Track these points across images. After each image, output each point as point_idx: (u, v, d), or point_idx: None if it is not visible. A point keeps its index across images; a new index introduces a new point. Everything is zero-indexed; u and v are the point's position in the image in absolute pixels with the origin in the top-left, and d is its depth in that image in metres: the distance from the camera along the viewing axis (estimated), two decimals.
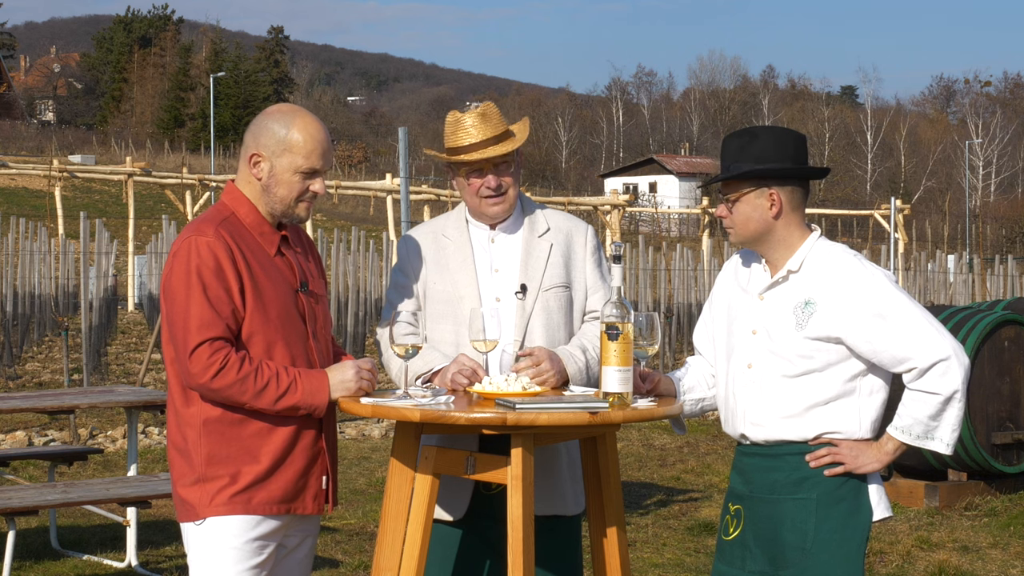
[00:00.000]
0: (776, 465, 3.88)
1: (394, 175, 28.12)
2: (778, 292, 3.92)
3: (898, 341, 3.78)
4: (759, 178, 3.86)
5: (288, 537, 3.89)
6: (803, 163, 3.92)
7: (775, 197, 3.86)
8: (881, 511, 3.88)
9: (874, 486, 3.89)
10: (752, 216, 3.88)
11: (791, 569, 3.84)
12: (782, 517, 3.86)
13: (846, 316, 3.79)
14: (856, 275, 3.83)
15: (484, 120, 4.17)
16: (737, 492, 4.00)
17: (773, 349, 3.87)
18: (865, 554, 3.87)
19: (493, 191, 4.20)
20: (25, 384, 15.30)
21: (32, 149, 68.21)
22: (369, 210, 50.07)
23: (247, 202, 3.87)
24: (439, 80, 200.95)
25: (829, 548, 3.82)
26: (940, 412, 3.80)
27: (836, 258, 3.89)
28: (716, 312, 4.09)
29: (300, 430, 3.82)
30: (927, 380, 3.79)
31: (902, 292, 3.86)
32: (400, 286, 4.30)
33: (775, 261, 3.93)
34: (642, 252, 21.31)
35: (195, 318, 3.69)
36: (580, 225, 4.38)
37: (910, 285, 26.59)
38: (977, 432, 9.26)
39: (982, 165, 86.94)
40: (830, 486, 3.84)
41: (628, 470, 10.81)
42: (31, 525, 8.12)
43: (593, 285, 4.31)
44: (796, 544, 3.84)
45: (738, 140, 3.92)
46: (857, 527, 3.85)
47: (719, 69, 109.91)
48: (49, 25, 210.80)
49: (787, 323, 3.86)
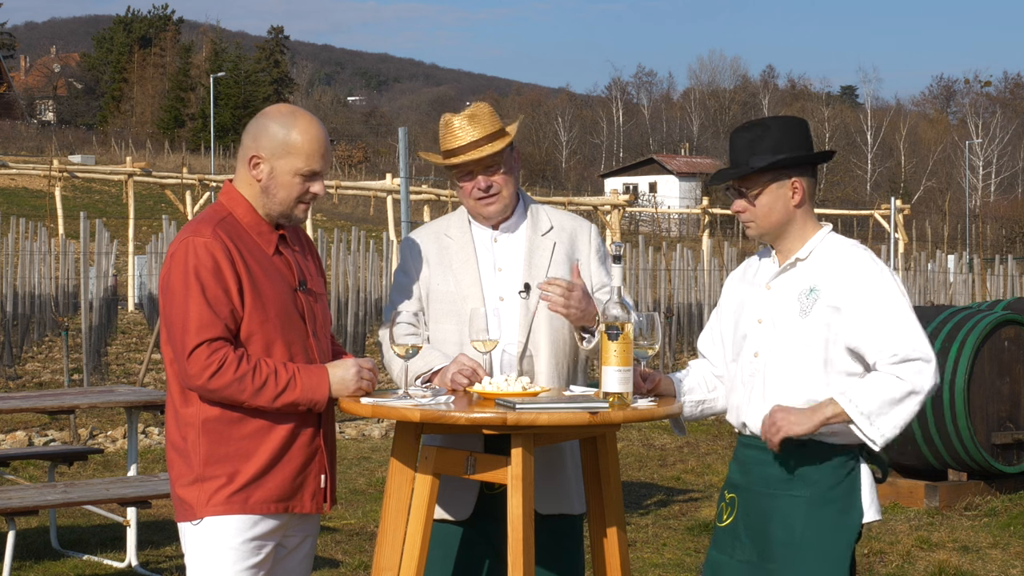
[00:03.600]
0: (772, 460, 3.89)
1: (394, 175, 28.11)
2: (784, 280, 3.93)
3: (888, 329, 3.77)
4: (781, 168, 3.88)
5: (288, 537, 3.89)
6: (811, 148, 3.95)
7: (797, 185, 3.89)
8: (872, 514, 3.88)
9: (867, 488, 3.89)
10: (775, 207, 3.90)
11: (777, 563, 3.86)
12: (773, 511, 3.88)
13: (844, 296, 3.81)
14: (862, 264, 3.85)
15: (472, 122, 4.16)
16: (734, 481, 4.03)
17: (778, 337, 3.88)
18: (853, 555, 3.87)
19: (484, 192, 4.19)
20: (25, 384, 15.30)
21: (32, 149, 68.21)
22: (369, 210, 50.07)
23: (244, 202, 3.86)
24: (439, 80, 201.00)
25: (816, 547, 3.83)
26: (897, 402, 3.73)
27: (845, 249, 3.91)
28: (724, 313, 4.11)
29: (298, 429, 3.82)
30: (903, 368, 3.75)
31: (904, 293, 3.87)
32: (402, 287, 4.29)
33: (786, 251, 3.95)
34: (642, 252, 21.30)
35: (193, 319, 3.69)
36: (584, 224, 4.36)
37: (910, 285, 26.59)
38: (977, 432, 9.26)
39: (982, 165, 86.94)
40: (823, 486, 3.84)
41: (628, 470, 10.81)
42: (31, 525, 8.12)
43: (597, 283, 4.30)
44: (784, 539, 3.85)
45: (749, 133, 3.93)
46: (846, 528, 3.85)
47: (719, 69, 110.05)
48: (49, 25, 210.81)
49: (792, 310, 3.88)
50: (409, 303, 4.23)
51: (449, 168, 4.21)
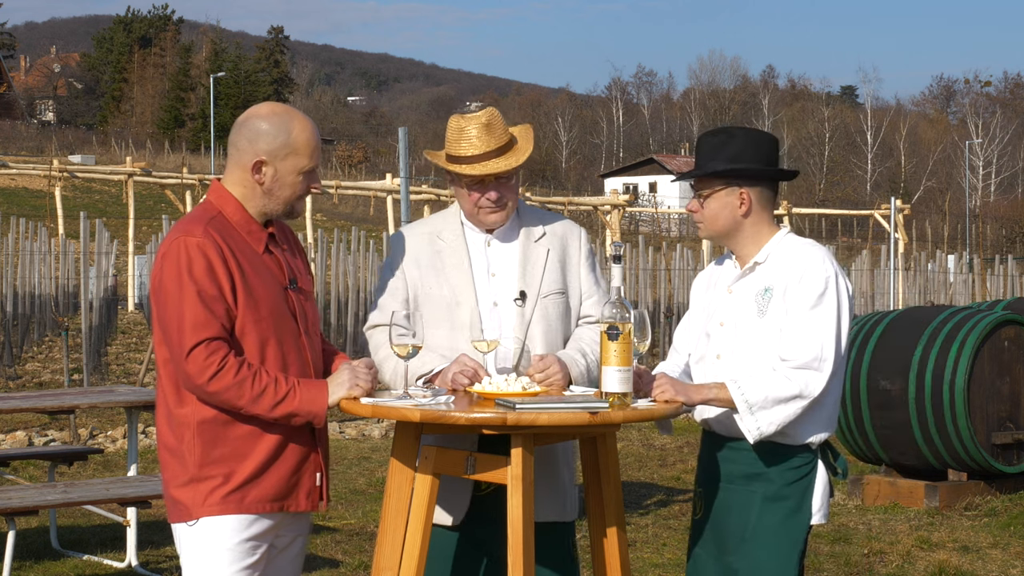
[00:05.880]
0: (733, 457, 4.04)
1: (394, 175, 28.10)
2: (744, 283, 4.07)
3: (798, 332, 3.91)
4: (731, 177, 4.00)
5: (279, 537, 3.88)
6: (774, 164, 4.07)
7: (745, 196, 4.02)
8: (819, 518, 4.02)
9: (820, 491, 4.03)
10: (721, 213, 4.04)
11: (733, 556, 4.02)
12: (731, 505, 4.04)
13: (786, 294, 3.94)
14: (807, 263, 3.97)
15: (488, 131, 4.09)
16: (699, 477, 4.19)
17: (738, 338, 4.01)
18: (803, 554, 4.02)
19: (494, 203, 4.16)
20: (25, 384, 15.30)
21: (32, 149, 68.21)
22: (369, 210, 50.04)
23: (234, 201, 3.84)
24: (439, 80, 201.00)
25: (766, 541, 3.98)
26: (783, 401, 3.87)
27: (797, 248, 4.03)
28: (693, 316, 4.25)
29: (293, 428, 3.80)
30: (797, 372, 3.88)
31: (843, 301, 3.96)
32: (391, 287, 4.23)
33: (744, 256, 4.08)
34: (642, 252, 21.30)
35: (189, 319, 3.67)
36: (573, 228, 4.35)
37: (910, 285, 26.59)
38: (977, 432, 9.26)
39: (982, 165, 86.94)
40: (779, 483, 3.98)
41: (628, 470, 10.81)
42: (31, 525, 8.11)
43: (588, 290, 4.30)
44: (738, 533, 4.01)
45: (714, 139, 4.07)
46: (795, 526, 3.99)
47: (719, 69, 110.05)
48: (49, 25, 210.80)
49: (750, 311, 4.01)
50: (399, 304, 4.15)
51: (459, 175, 4.14)
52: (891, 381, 9.44)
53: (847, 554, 7.96)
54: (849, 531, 8.65)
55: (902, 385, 9.37)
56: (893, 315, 9.96)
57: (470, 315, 4.14)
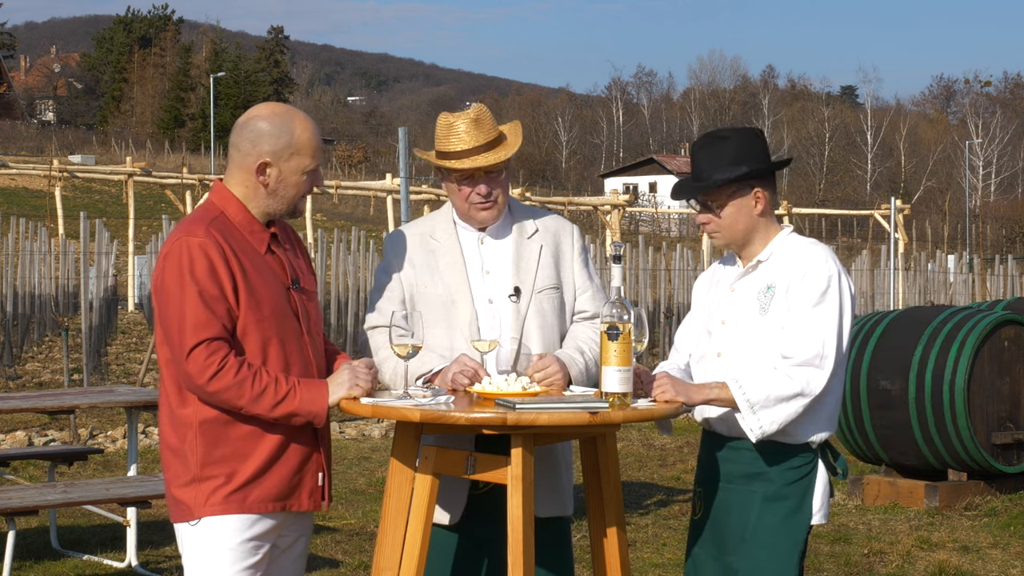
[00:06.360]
0: (733, 457, 4.04)
1: (394, 175, 28.09)
2: (746, 281, 4.07)
3: (799, 330, 3.91)
4: (743, 180, 3.99)
5: (281, 537, 3.88)
6: (769, 158, 4.08)
7: (759, 195, 4.03)
8: (819, 518, 4.03)
9: (820, 491, 4.03)
10: (740, 218, 4.03)
11: (733, 555, 4.02)
12: (731, 505, 4.04)
13: (789, 291, 3.95)
14: (810, 261, 3.98)
15: (477, 126, 4.12)
16: (699, 477, 4.19)
17: (740, 336, 4.01)
18: (803, 554, 4.01)
19: (484, 198, 4.17)
20: (25, 384, 15.30)
21: (32, 149, 68.20)
22: (369, 210, 50.06)
23: (236, 201, 3.85)
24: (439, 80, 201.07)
25: (766, 541, 3.98)
26: (785, 399, 3.88)
27: (801, 247, 4.04)
28: (695, 316, 4.26)
29: (294, 428, 3.80)
30: (799, 369, 3.89)
31: (846, 301, 3.97)
32: (387, 288, 4.25)
33: (749, 255, 4.09)
34: (642, 252, 21.30)
35: (190, 319, 3.67)
36: (566, 225, 4.37)
37: (910, 285, 26.59)
38: (977, 432, 9.26)
39: (982, 165, 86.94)
40: (779, 483, 3.98)
41: (628, 470, 10.81)
42: (31, 525, 8.12)
43: (582, 285, 4.31)
44: (738, 533, 4.01)
45: (710, 147, 4.05)
46: (795, 526, 3.99)
47: (719, 69, 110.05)
48: (49, 25, 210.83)
49: (752, 309, 4.02)
50: (397, 305, 4.17)
51: (449, 170, 4.18)
52: (891, 381, 9.44)
53: (847, 554, 7.96)
54: (849, 531, 8.65)
55: (902, 385, 9.37)
56: (893, 315, 9.96)
57: (466, 313, 4.15)
